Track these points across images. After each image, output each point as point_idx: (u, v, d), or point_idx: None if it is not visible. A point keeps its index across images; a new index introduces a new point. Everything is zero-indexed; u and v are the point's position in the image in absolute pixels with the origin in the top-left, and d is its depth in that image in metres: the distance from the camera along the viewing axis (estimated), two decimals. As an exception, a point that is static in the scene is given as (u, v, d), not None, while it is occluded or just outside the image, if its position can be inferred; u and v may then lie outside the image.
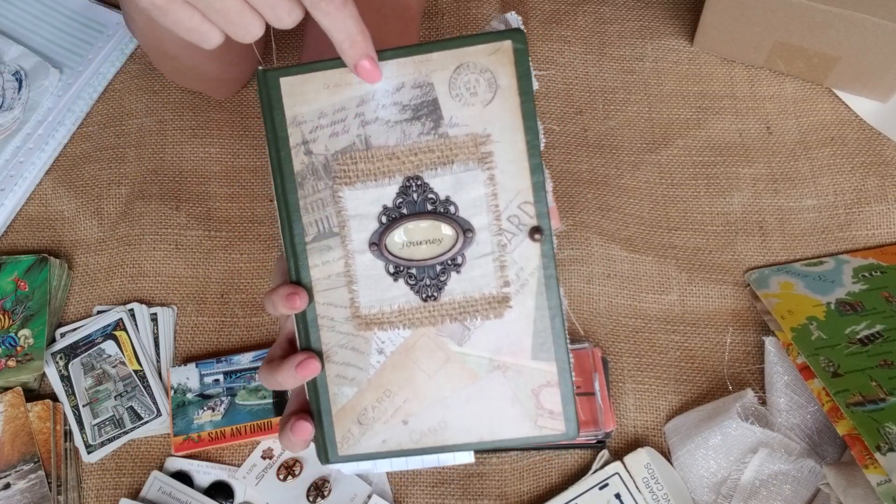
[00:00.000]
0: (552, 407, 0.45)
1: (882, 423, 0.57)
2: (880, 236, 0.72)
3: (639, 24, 0.83)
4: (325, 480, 0.65)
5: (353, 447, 0.47)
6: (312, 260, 0.47)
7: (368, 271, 0.46)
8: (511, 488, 0.65)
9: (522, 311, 0.45)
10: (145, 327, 0.71)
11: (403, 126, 0.45)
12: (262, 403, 0.67)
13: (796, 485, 0.61)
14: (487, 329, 0.45)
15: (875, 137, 0.76)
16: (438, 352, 0.46)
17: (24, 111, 0.79)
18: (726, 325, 0.70)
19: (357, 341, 0.47)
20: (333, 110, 0.46)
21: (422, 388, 0.46)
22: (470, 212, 0.45)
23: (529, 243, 0.45)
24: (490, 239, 0.45)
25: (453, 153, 0.45)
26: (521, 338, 0.45)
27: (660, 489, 0.63)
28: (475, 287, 0.45)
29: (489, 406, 0.46)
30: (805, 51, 0.74)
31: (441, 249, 0.45)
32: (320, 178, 0.47)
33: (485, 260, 0.45)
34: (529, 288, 0.45)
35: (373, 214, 0.46)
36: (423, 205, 0.45)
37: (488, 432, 0.46)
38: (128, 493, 0.66)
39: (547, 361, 0.45)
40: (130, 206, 0.76)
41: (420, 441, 0.46)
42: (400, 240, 0.46)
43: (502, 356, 0.45)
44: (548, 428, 0.45)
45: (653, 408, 0.67)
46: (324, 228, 0.47)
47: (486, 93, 0.44)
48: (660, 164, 0.76)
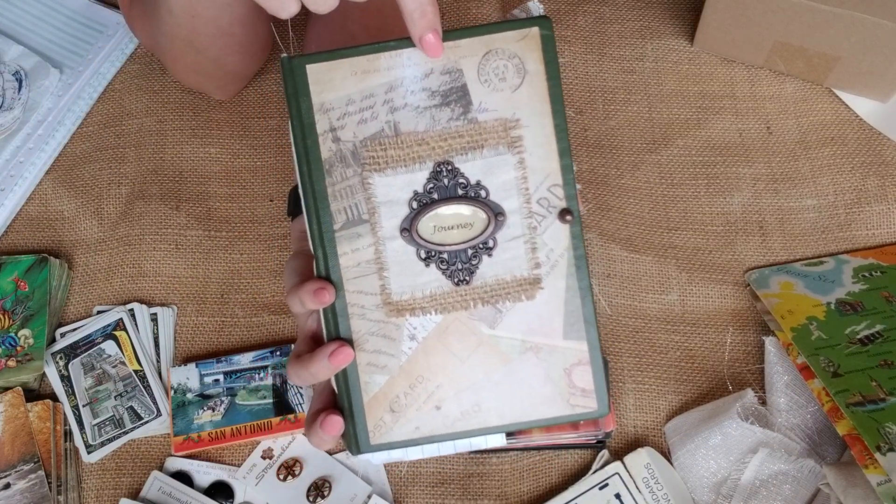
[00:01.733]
0: (584, 385, 0.45)
1: (882, 423, 0.57)
2: (880, 236, 0.72)
3: (639, 24, 0.83)
4: (325, 480, 0.65)
5: (385, 436, 0.46)
6: (342, 248, 0.46)
7: (399, 257, 0.46)
8: (511, 488, 0.65)
9: (553, 291, 0.45)
10: (145, 327, 0.71)
11: (433, 112, 0.45)
12: (262, 403, 0.67)
13: (796, 485, 0.61)
14: (519, 311, 0.46)
15: (875, 137, 0.76)
16: (471, 335, 0.46)
17: (24, 111, 0.79)
18: (726, 325, 0.70)
19: (388, 328, 0.46)
20: (362, 97, 0.46)
21: (455, 372, 0.46)
22: (500, 195, 0.45)
23: (559, 225, 0.45)
24: (521, 222, 0.45)
25: (483, 138, 0.45)
26: (553, 318, 0.45)
27: (660, 489, 0.63)
28: (507, 270, 0.46)
29: (522, 387, 0.46)
30: (805, 51, 0.74)
31: (472, 233, 0.46)
32: (349, 165, 0.46)
33: (516, 242, 0.45)
34: (560, 269, 0.45)
35: (403, 200, 0.46)
36: (454, 189, 0.46)
37: (522, 413, 0.46)
38: (128, 493, 0.66)
39: (578, 340, 0.45)
40: (130, 206, 0.76)
41: (454, 426, 0.46)
42: (431, 225, 0.46)
43: (534, 337, 0.46)
44: (580, 406, 0.46)
45: (653, 408, 0.67)
46: (353, 216, 0.46)
47: (514, 78, 0.45)
48: (660, 164, 0.76)
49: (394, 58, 0.45)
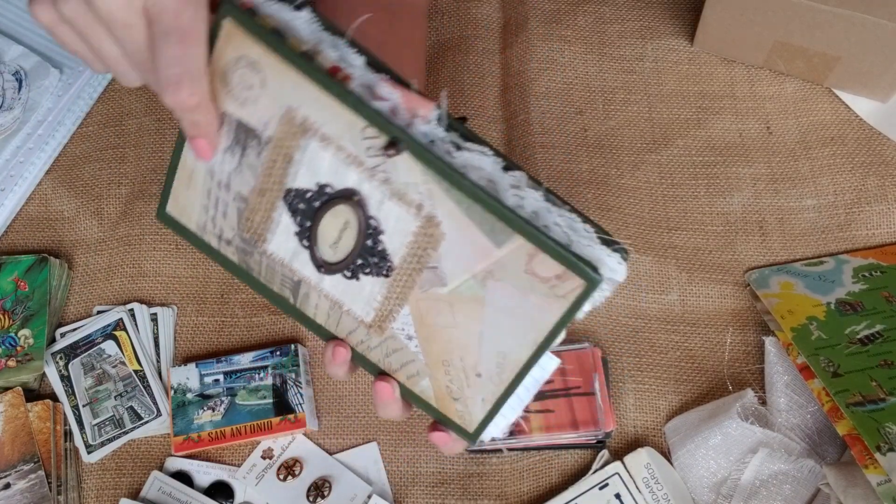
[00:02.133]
0: (553, 272, 0.41)
1: (882, 423, 0.57)
2: (880, 236, 0.72)
3: (639, 24, 0.83)
4: (325, 480, 0.65)
5: (472, 420, 0.47)
6: (308, 312, 0.49)
7: (339, 288, 0.47)
8: (511, 488, 0.65)
9: (451, 216, 0.42)
10: (145, 327, 0.71)
11: (246, 162, 0.45)
12: (262, 403, 0.67)
13: (796, 485, 0.61)
14: (447, 255, 0.43)
15: (875, 137, 0.76)
16: (439, 303, 0.45)
17: (24, 111, 0.79)
18: (726, 325, 0.70)
19: (390, 343, 0.47)
20: (206, 197, 0.48)
21: (459, 340, 0.45)
22: (339, 179, 0.43)
23: (398, 159, 0.41)
24: (372, 185, 0.43)
25: (284, 147, 0.44)
26: (474, 238, 0.42)
27: (660, 489, 0.63)
28: (403, 231, 0.43)
29: (513, 313, 0.43)
30: (805, 51, 0.74)
31: (355, 229, 0.44)
32: (251, 252, 0.48)
33: (387, 205, 0.43)
34: (437, 194, 0.41)
35: (297, 247, 0.47)
36: (311, 207, 0.45)
37: (535, 333, 0.43)
38: (128, 493, 0.66)
39: (511, 239, 0.41)
40: (130, 206, 0.76)
41: (502, 381, 0.45)
42: (327, 248, 0.46)
43: (477, 266, 0.42)
44: (569, 291, 0.41)
45: (653, 408, 0.67)
46: (291, 284, 0.48)
47: (254, 76, 0.42)
48: (660, 164, 0.76)
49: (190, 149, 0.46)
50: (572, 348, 0.66)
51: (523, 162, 0.76)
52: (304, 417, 0.66)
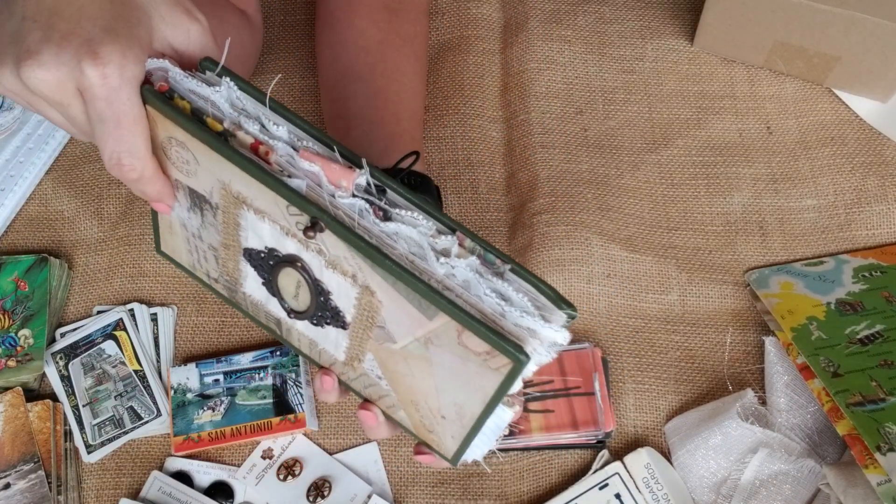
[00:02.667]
0: (481, 347, 0.39)
1: (882, 423, 0.57)
2: (880, 236, 0.72)
3: (639, 24, 0.83)
4: (325, 480, 0.65)
5: (447, 450, 0.49)
6: (294, 343, 0.51)
7: (311, 333, 0.49)
8: (511, 488, 0.65)
9: (382, 288, 0.41)
10: (145, 327, 0.71)
11: (207, 220, 0.47)
12: (262, 403, 0.67)
13: (796, 485, 0.61)
14: (390, 319, 0.42)
15: (875, 137, 0.76)
16: (395, 355, 0.45)
17: (25, 111, 0.79)
18: (726, 325, 0.70)
19: (365, 379, 0.49)
20: (187, 243, 0.51)
21: (419, 387, 0.46)
22: (282, 246, 0.44)
23: (323, 236, 0.41)
24: (309, 255, 0.43)
25: (230, 213, 0.45)
26: (407, 309, 0.41)
27: (660, 489, 0.63)
28: (346, 296, 0.43)
29: (458, 374, 0.42)
30: (805, 51, 0.74)
31: (306, 289, 0.45)
32: (235, 290, 0.51)
33: (326, 273, 0.43)
34: (364, 267, 0.40)
35: (266, 294, 0.49)
36: (266, 266, 0.46)
37: (481, 393, 0.42)
38: (128, 493, 0.66)
39: (438, 314, 0.40)
40: (130, 206, 0.76)
41: (464, 426, 0.45)
42: (290, 299, 0.47)
43: (417, 331, 0.42)
44: (500, 366, 0.39)
45: (653, 408, 0.67)
46: (273, 321, 0.51)
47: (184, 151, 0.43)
48: (660, 164, 0.76)
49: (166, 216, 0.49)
50: (572, 348, 0.67)
51: (523, 162, 0.76)
52: (304, 417, 0.66)
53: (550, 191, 0.74)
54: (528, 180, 0.75)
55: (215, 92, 0.41)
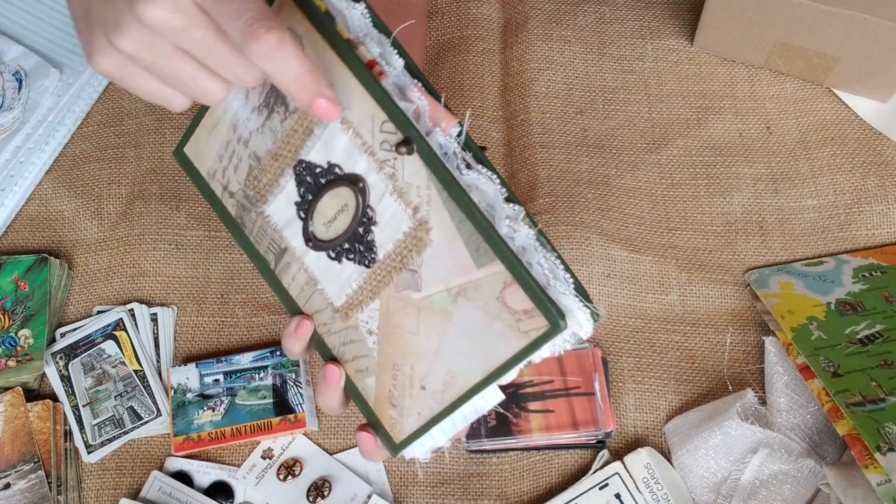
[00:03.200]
0: (523, 306, 0.40)
1: (882, 423, 0.57)
2: (880, 236, 0.72)
3: (639, 24, 0.83)
4: (325, 480, 0.65)
5: (401, 432, 0.47)
6: (285, 281, 0.49)
7: (320, 266, 0.47)
8: (511, 488, 0.65)
9: (442, 226, 0.42)
10: (145, 327, 0.71)
11: (268, 125, 0.46)
12: (262, 403, 0.67)
13: (796, 485, 0.61)
14: (429, 262, 0.43)
15: (875, 137, 0.76)
16: (408, 307, 0.44)
17: (24, 111, 0.79)
18: (726, 325, 0.70)
19: (350, 332, 0.47)
20: (223, 148, 0.49)
21: (416, 347, 0.45)
22: (349, 163, 0.44)
23: (409, 159, 0.41)
24: (378, 177, 0.43)
25: (309, 120, 0.45)
26: (458, 253, 0.41)
27: (660, 489, 0.63)
28: (395, 228, 0.43)
29: (474, 336, 0.42)
30: (805, 51, 0.74)
31: (351, 213, 0.45)
32: (249, 209, 0.49)
33: (386, 199, 0.43)
34: (435, 201, 0.41)
35: (293, 216, 0.47)
36: (317, 182, 0.46)
37: (487, 362, 0.42)
38: (128, 493, 0.66)
39: (492, 263, 0.40)
40: (130, 206, 0.76)
41: (443, 400, 0.44)
42: (321, 224, 0.46)
43: (454, 280, 0.42)
44: (533, 329, 0.40)
45: (653, 408, 0.67)
46: (276, 250, 0.49)
47: None
48: (660, 164, 0.76)
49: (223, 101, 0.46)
50: (572, 348, 0.66)
51: (523, 162, 0.76)
52: (304, 417, 0.66)
53: (550, 191, 0.74)
54: (528, 180, 0.75)
55: (352, 8, 0.42)
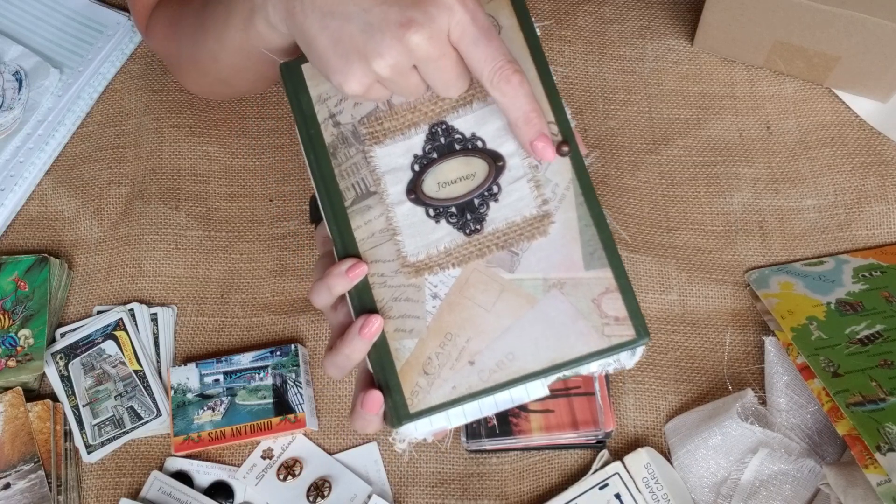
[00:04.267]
0: (616, 313, 0.44)
1: (882, 423, 0.57)
2: (880, 236, 0.72)
3: (639, 24, 0.83)
4: (325, 480, 0.65)
5: (423, 401, 0.45)
6: (355, 222, 0.48)
7: (410, 219, 0.47)
8: (511, 488, 0.65)
9: (566, 224, 0.45)
10: (145, 327, 0.71)
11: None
12: (262, 403, 0.67)
13: (796, 485, 0.61)
14: (535, 250, 0.46)
15: (875, 137, 0.76)
16: (492, 283, 0.46)
17: (24, 111, 0.79)
18: (726, 325, 0.70)
19: (410, 291, 0.47)
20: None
21: (482, 323, 0.45)
22: (497, 142, 0.47)
23: (560, 159, 0.46)
24: (521, 163, 0.46)
25: (471, 94, 0.47)
26: (570, 250, 0.45)
27: (660, 489, 0.63)
28: (515, 211, 0.46)
29: (552, 326, 0.45)
30: (805, 51, 0.74)
31: (475, 183, 0.47)
32: (350, 144, 0.49)
33: (519, 184, 0.46)
34: (568, 201, 0.46)
35: (405, 166, 0.48)
36: (451, 145, 0.47)
37: (557, 353, 0.44)
38: (128, 493, 0.66)
39: (601, 268, 0.45)
40: (130, 206, 0.76)
41: (490, 379, 0.45)
42: (435, 183, 0.47)
43: (556, 273, 0.45)
44: (616, 336, 0.44)
45: (653, 408, 0.67)
46: (361, 190, 0.48)
47: None
48: (660, 164, 0.76)
49: None
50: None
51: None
52: (304, 417, 0.66)
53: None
54: (528, 180, 0.75)
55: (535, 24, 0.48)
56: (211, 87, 0.69)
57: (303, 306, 0.72)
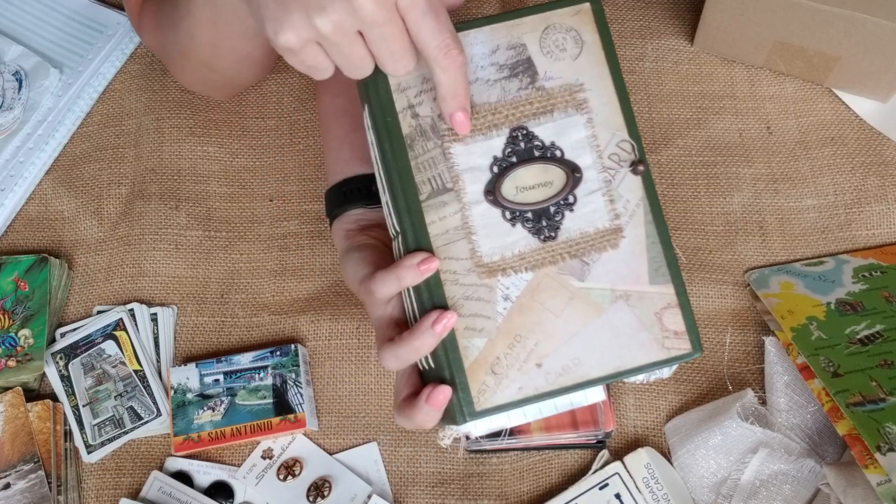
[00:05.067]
0: (676, 327, 0.48)
1: (882, 423, 0.57)
2: (880, 236, 0.72)
3: (639, 24, 0.83)
4: (325, 480, 0.65)
5: (490, 399, 0.46)
6: (429, 217, 0.47)
7: (486, 220, 0.48)
8: (511, 488, 0.65)
9: (635, 239, 0.48)
10: (145, 327, 0.71)
11: (503, 83, 0.48)
12: (262, 403, 0.67)
13: (796, 485, 0.61)
14: (605, 261, 0.48)
15: (875, 137, 0.76)
16: (562, 290, 0.47)
17: (24, 111, 0.79)
18: (726, 325, 0.70)
19: (482, 291, 0.47)
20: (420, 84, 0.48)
21: (551, 328, 0.47)
22: (574, 153, 0.48)
23: (632, 177, 0.48)
24: (596, 176, 0.48)
25: (551, 103, 0.49)
26: (638, 265, 0.48)
27: (660, 489, 0.63)
28: (589, 222, 0.48)
29: (617, 336, 0.47)
30: (805, 51, 0.74)
31: (553, 191, 0.48)
32: (429, 138, 0.48)
33: (594, 196, 0.48)
34: (638, 218, 0.48)
35: (484, 166, 0.48)
36: (530, 151, 0.48)
37: (620, 361, 0.47)
38: (128, 493, 0.66)
39: (664, 284, 0.48)
40: (130, 206, 0.76)
41: (556, 382, 0.47)
42: (513, 186, 0.48)
43: (623, 285, 0.48)
44: (675, 348, 0.47)
45: (653, 408, 0.67)
46: (437, 185, 0.48)
47: (573, 48, 0.49)
48: (660, 164, 0.76)
49: (462, 38, 0.48)
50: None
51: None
52: (304, 417, 0.66)
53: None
54: (529, 180, 0.76)
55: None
56: (197, 73, 0.70)
57: (303, 306, 0.72)
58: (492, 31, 0.48)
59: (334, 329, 0.71)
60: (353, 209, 0.60)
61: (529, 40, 0.49)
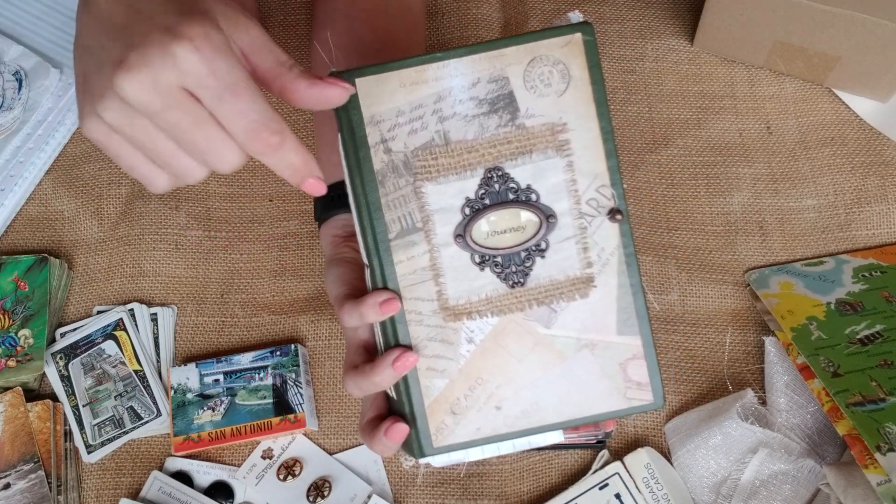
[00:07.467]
0: (640, 378, 0.47)
1: (882, 423, 0.58)
2: (880, 236, 0.72)
3: (639, 24, 0.83)
4: (325, 480, 0.65)
5: (447, 438, 0.47)
6: (397, 256, 0.47)
7: (454, 263, 0.47)
8: (511, 488, 0.65)
9: (606, 289, 0.47)
10: (145, 327, 0.71)
11: (481, 119, 0.46)
12: (262, 403, 0.67)
13: (796, 485, 0.61)
14: (573, 309, 0.47)
15: (875, 137, 0.76)
16: (527, 336, 0.47)
17: (24, 111, 0.79)
18: (726, 325, 0.70)
19: (446, 332, 0.47)
20: (411, 108, 0.47)
21: (513, 372, 0.47)
22: (551, 198, 0.47)
23: (609, 224, 0.47)
24: (572, 223, 0.47)
25: (531, 143, 0.46)
26: (606, 315, 0.47)
27: (660, 489, 0.63)
28: (560, 270, 0.47)
29: (578, 383, 0.47)
30: (805, 51, 0.74)
31: (525, 236, 0.47)
32: (401, 175, 0.47)
33: (568, 243, 0.47)
34: (611, 267, 0.47)
35: (456, 207, 0.47)
36: (505, 194, 0.47)
37: (579, 409, 0.47)
38: (128, 493, 0.66)
39: (632, 335, 0.47)
40: (130, 206, 0.76)
41: (514, 425, 0.47)
42: (484, 230, 0.47)
43: (589, 334, 0.47)
44: (636, 399, 0.47)
45: (653, 408, 0.67)
46: (407, 224, 0.47)
47: (559, 83, 0.46)
48: (660, 164, 0.76)
49: (441, 69, 0.46)
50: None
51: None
52: (304, 417, 0.66)
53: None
54: (529, 180, 0.76)
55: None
56: None
57: (303, 306, 0.72)
58: (472, 61, 0.46)
59: (334, 329, 0.71)
60: (341, 214, 0.59)
61: (513, 73, 0.46)
